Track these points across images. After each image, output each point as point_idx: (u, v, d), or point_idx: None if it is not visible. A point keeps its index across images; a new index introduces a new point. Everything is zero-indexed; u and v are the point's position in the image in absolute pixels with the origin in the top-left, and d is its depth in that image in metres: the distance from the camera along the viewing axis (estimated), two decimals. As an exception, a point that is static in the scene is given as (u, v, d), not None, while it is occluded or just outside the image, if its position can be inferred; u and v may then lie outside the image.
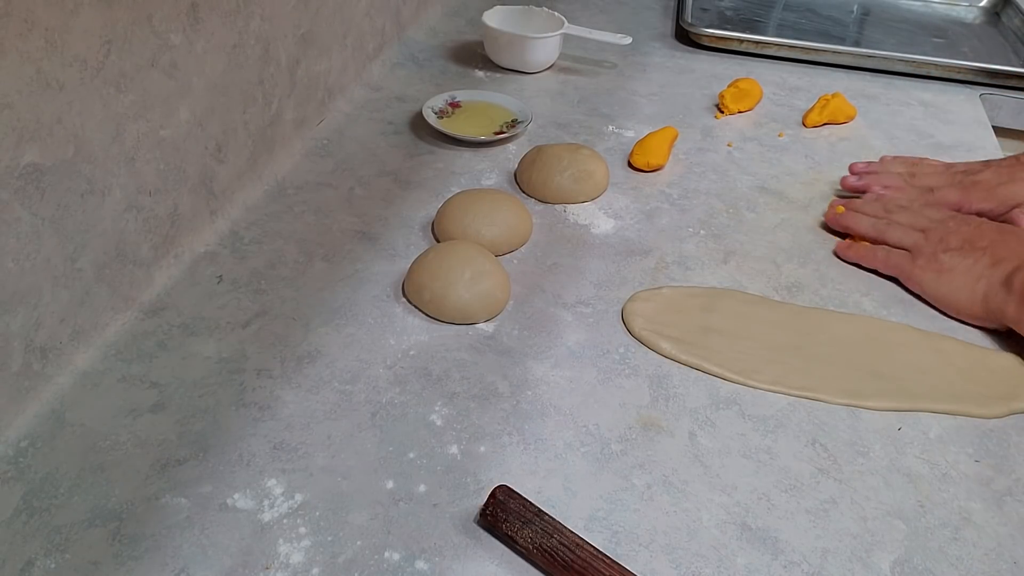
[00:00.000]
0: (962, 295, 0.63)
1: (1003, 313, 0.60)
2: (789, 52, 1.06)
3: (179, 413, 0.52)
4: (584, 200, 0.75)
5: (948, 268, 0.64)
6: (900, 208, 0.72)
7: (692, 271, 0.68)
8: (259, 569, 0.43)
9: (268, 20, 0.69)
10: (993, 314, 0.62)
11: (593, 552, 0.43)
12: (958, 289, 0.63)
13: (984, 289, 0.62)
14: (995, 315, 0.61)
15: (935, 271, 0.65)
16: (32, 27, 0.45)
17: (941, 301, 0.65)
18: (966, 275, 0.63)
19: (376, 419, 0.52)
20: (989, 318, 0.62)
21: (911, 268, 0.66)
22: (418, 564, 0.44)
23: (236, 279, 0.63)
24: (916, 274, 0.66)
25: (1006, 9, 1.24)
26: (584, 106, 0.92)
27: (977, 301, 0.62)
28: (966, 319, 0.64)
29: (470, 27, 1.09)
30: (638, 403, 0.55)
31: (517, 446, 0.51)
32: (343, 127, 0.84)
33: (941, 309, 0.65)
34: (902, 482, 0.51)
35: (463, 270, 0.59)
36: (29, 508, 0.45)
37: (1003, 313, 0.60)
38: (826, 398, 0.56)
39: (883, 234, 0.69)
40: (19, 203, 0.47)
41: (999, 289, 0.61)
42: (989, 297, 0.61)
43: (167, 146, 0.59)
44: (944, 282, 0.64)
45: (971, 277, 0.63)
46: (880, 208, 0.72)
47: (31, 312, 0.49)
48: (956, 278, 0.64)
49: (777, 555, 0.46)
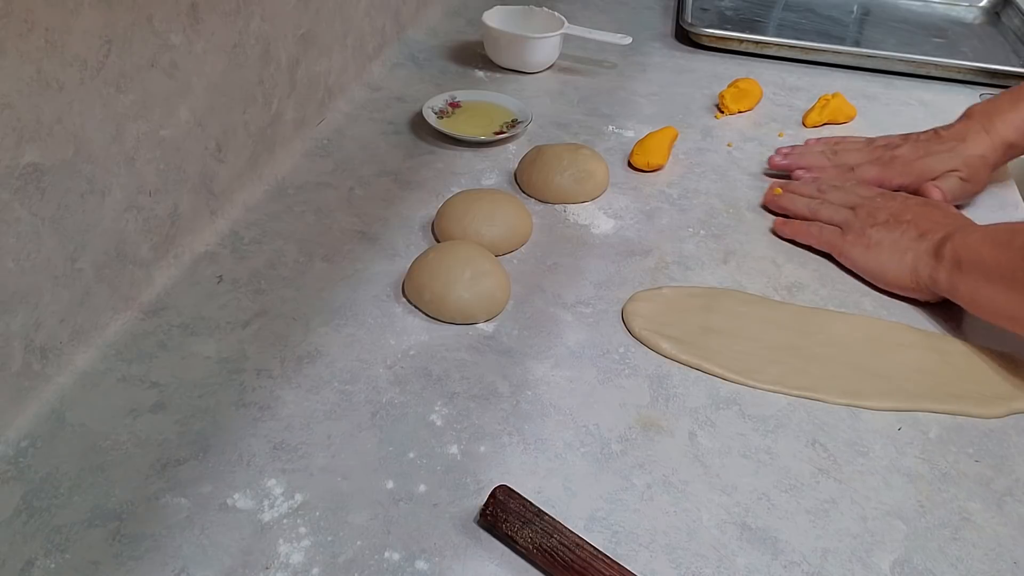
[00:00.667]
0: (890, 267, 0.65)
1: (934, 282, 0.62)
2: (789, 52, 1.06)
3: (179, 413, 0.52)
4: (584, 200, 0.75)
5: (876, 242, 0.66)
6: (832, 188, 0.74)
7: (692, 271, 0.68)
8: (259, 569, 0.43)
9: (268, 20, 0.69)
10: (923, 284, 0.63)
11: (593, 552, 0.43)
12: (886, 261, 0.65)
13: (911, 260, 0.64)
14: (925, 285, 0.63)
15: (864, 245, 0.67)
16: (32, 27, 0.45)
17: (871, 274, 0.66)
18: (893, 248, 0.65)
19: (376, 419, 0.52)
20: (920, 289, 0.64)
21: (841, 243, 0.68)
22: (418, 564, 0.44)
23: (236, 279, 0.63)
24: (846, 249, 0.68)
25: (1006, 9, 1.24)
26: (584, 106, 0.92)
27: (906, 272, 0.64)
28: (897, 290, 0.65)
29: (470, 27, 1.09)
30: (638, 403, 0.55)
31: (517, 446, 0.51)
32: (343, 127, 0.84)
33: (873, 283, 0.67)
34: (902, 482, 0.51)
35: (463, 270, 0.59)
36: (29, 508, 0.45)
37: (934, 282, 0.62)
38: (826, 398, 0.56)
39: (816, 212, 0.72)
40: (19, 203, 0.47)
41: (927, 259, 0.62)
42: (918, 268, 0.63)
43: (167, 146, 0.59)
44: (873, 255, 0.66)
45: (898, 249, 0.65)
46: (814, 188, 0.75)
47: (31, 312, 0.49)
48: (884, 251, 0.65)
49: (777, 555, 0.46)
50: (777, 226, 0.73)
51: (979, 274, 0.59)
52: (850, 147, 0.81)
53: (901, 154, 0.77)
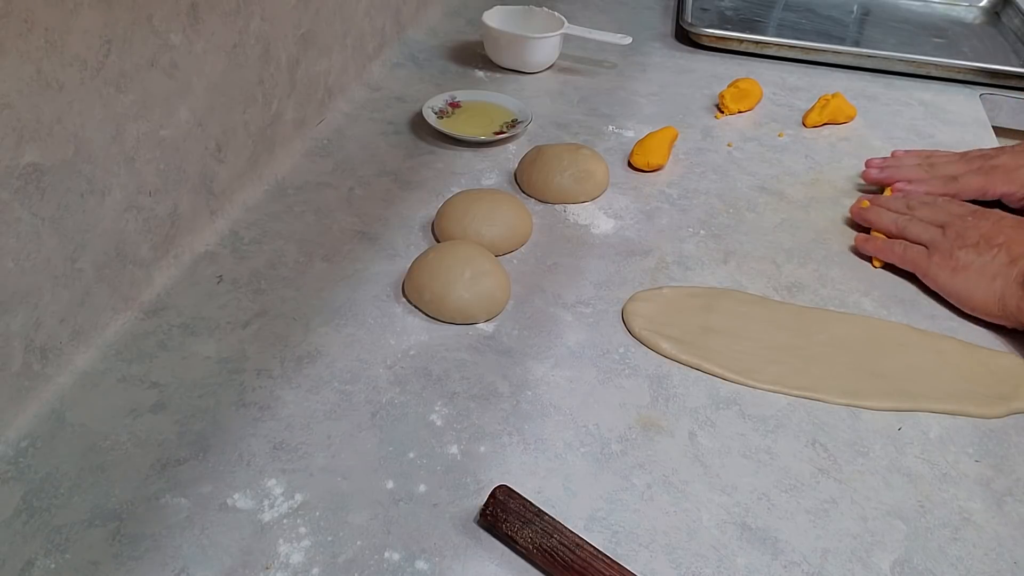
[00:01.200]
0: (977, 293, 0.62)
1: (1020, 311, 0.60)
2: (789, 52, 1.06)
3: (179, 413, 0.52)
4: (584, 200, 0.75)
5: (964, 265, 0.63)
6: (922, 204, 0.71)
7: (692, 271, 0.68)
8: (259, 569, 0.43)
9: (268, 20, 0.69)
10: (1010, 313, 0.61)
11: (593, 552, 0.43)
12: (974, 287, 0.62)
13: (1000, 287, 0.61)
14: (1012, 314, 0.61)
15: (951, 268, 0.64)
16: (32, 27, 0.45)
17: (957, 298, 0.64)
18: (981, 272, 0.62)
19: (376, 419, 0.52)
20: (1006, 317, 0.62)
21: (927, 264, 0.66)
22: (418, 564, 0.44)
23: (236, 279, 0.63)
24: (932, 271, 0.65)
25: (1006, 9, 1.24)
26: (584, 106, 0.92)
27: (993, 299, 0.61)
28: (983, 316, 0.63)
29: (470, 27, 1.09)
30: (638, 403, 0.55)
31: (517, 446, 0.51)
32: (343, 127, 0.84)
33: (958, 307, 0.64)
34: (902, 482, 0.51)
35: (463, 270, 0.59)
36: (29, 508, 0.45)
37: (1020, 311, 0.60)
38: (826, 398, 0.56)
39: (903, 229, 0.69)
40: (19, 203, 0.47)
41: (1016, 287, 0.60)
42: (1006, 296, 0.61)
43: (167, 146, 0.59)
44: (960, 279, 0.63)
45: (987, 275, 0.62)
46: (903, 204, 0.72)
47: (31, 312, 0.49)
48: (972, 276, 0.63)
49: (777, 555, 0.46)
50: (859, 243, 0.71)
51: None
52: (944, 159, 0.78)
53: (1002, 163, 0.74)
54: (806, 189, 0.80)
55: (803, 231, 0.74)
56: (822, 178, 0.82)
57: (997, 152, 0.76)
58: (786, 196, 0.79)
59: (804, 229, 0.74)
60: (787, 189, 0.80)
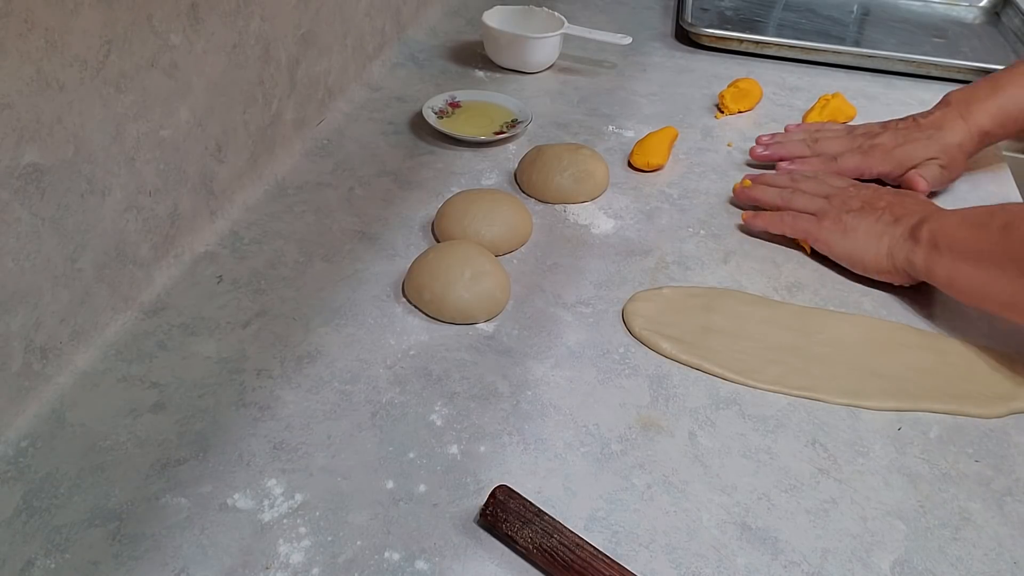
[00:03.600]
0: (868, 251, 0.66)
1: (911, 264, 0.63)
2: (789, 52, 1.06)
3: (179, 413, 0.52)
4: (584, 200, 0.75)
5: (852, 227, 0.67)
6: (805, 178, 0.74)
7: (692, 271, 0.68)
8: (259, 569, 0.43)
9: (268, 20, 0.69)
10: (900, 267, 0.64)
11: (593, 552, 0.43)
12: (864, 246, 0.66)
13: (888, 244, 0.64)
14: (902, 267, 0.64)
15: (840, 231, 0.67)
16: (32, 27, 0.45)
17: (848, 259, 0.67)
18: (869, 232, 0.66)
19: (376, 419, 0.52)
20: (896, 272, 0.65)
21: (817, 230, 0.69)
22: (418, 564, 0.44)
23: (236, 279, 0.63)
24: (823, 235, 0.68)
25: (1006, 9, 1.24)
26: (584, 106, 0.92)
27: (883, 255, 0.65)
28: (873, 275, 0.66)
29: (470, 27, 1.09)
30: (638, 403, 0.55)
31: (517, 446, 0.51)
32: (343, 127, 0.84)
33: (849, 267, 0.67)
34: (902, 482, 0.51)
35: (463, 270, 0.59)
36: (29, 508, 0.45)
37: (911, 264, 0.63)
38: (826, 398, 0.56)
39: (789, 202, 0.72)
40: (19, 203, 0.47)
41: (903, 242, 0.63)
42: (894, 251, 0.64)
43: (167, 146, 0.59)
44: (849, 240, 0.67)
45: (874, 234, 0.66)
46: (787, 179, 0.75)
47: (31, 312, 0.49)
48: (860, 236, 0.66)
49: (777, 555, 0.46)
50: (747, 219, 0.73)
51: (956, 255, 0.59)
52: (830, 135, 0.82)
53: (881, 142, 0.78)
54: (806, 189, 0.80)
55: (803, 231, 0.74)
56: (822, 178, 0.82)
57: (882, 129, 0.80)
58: (786, 196, 0.79)
59: (804, 229, 0.74)
60: (787, 189, 0.80)
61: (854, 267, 0.67)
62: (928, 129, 0.77)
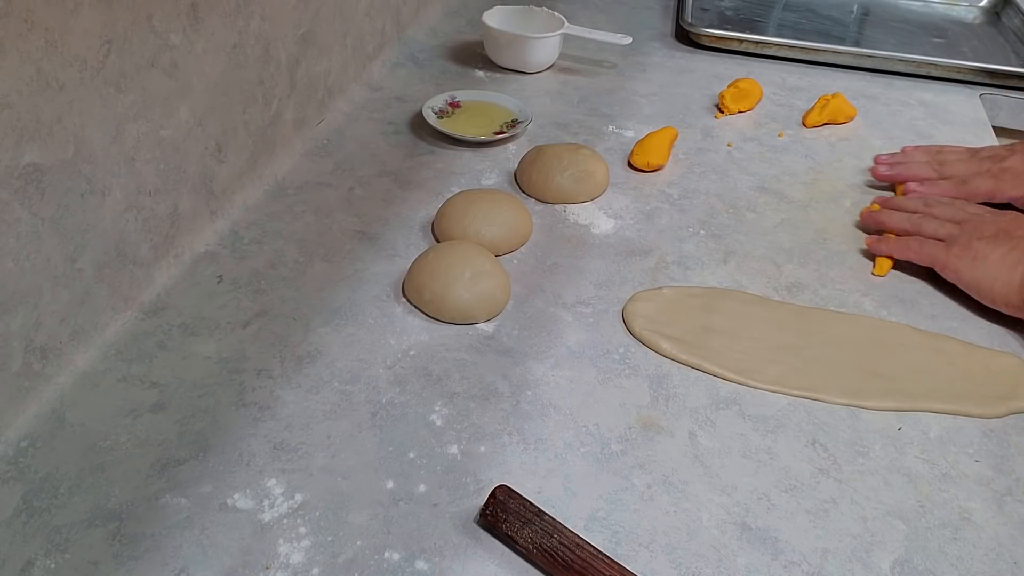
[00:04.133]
0: (999, 282, 0.62)
1: None
2: (789, 52, 1.06)
3: (179, 413, 0.52)
4: (584, 200, 0.75)
5: (983, 255, 0.63)
6: (939, 203, 0.71)
7: (692, 271, 0.68)
8: (259, 569, 0.43)
9: (268, 20, 0.69)
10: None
11: (593, 552, 0.43)
12: (994, 276, 0.62)
13: (1021, 275, 0.61)
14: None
15: (971, 258, 0.64)
16: (32, 27, 0.45)
17: (977, 289, 0.64)
18: (1002, 262, 0.62)
19: (376, 419, 0.52)
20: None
21: (946, 256, 0.65)
22: (418, 564, 0.44)
23: (236, 279, 0.63)
24: (951, 262, 0.65)
25: (1006, 9, 1.24)
26: (584, 106, 0.92)
27: (1014, 288, 0.61)
28: (1002, 308, 0.63)
29: (470, 27, 1.09)
30: (638, 403, 0.55)
31: (517, 446, 0.51)
32: (343, 127, 0.84)
33: (976, 298, 0.64)
34: (902, 482, 0.51)
35: (463, 270, 0.59)
36: (29, 508, 0.45)
37: None
38: (826, 398, 0.56)
39: (918, 227, 0.69)
40: (19, 203, 0.47)
41: None
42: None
43: (167, 146, 0.59)
44: (979, 268, 0.63)
45: (1007, 264, 0.62)
46: (920, 203, 0.72)
47: (31, 312, 0.49)
48: (991, 265, 0.63)
49: (777, 555, 0.46)
50: (871, 244, 0.70)
51: None
52: (954, 158, 0.78)
53: (1011, 165, 0.74)
54: (806, 189, 0.80)
55: (803, 231, 0.74)
56: (822, 178, 0.82)
57: (1008, 152, 0.76)
58: (786, 196, 0.79)
59: (804, 229, 0.74)
60: (787, 189, 0.80)
61: (982, 298, 0.64)
62: None
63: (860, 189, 0.81)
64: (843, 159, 0.86)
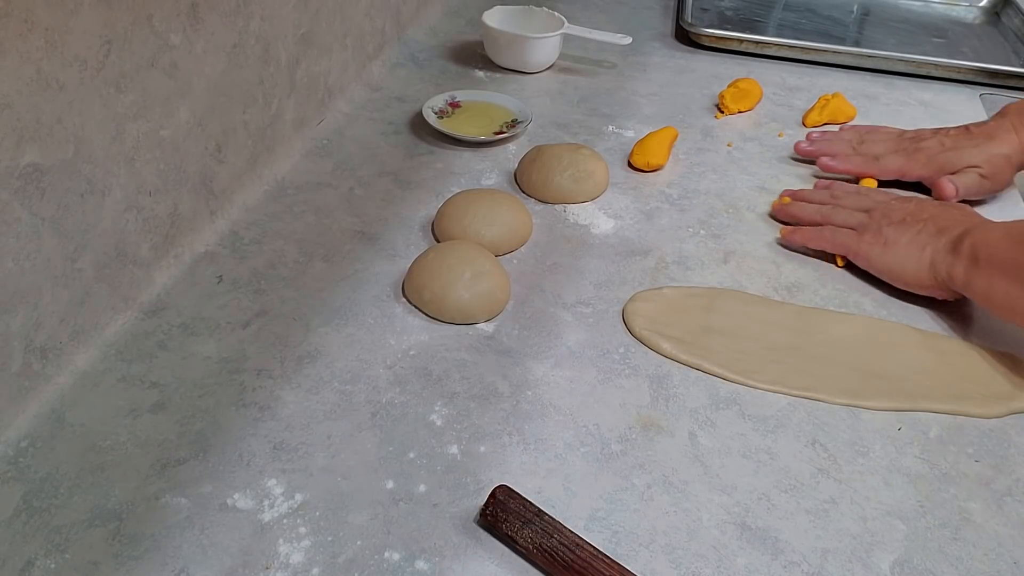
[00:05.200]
0: (909, 264, 0.64)
1: (951, 278, 0.61)
2: (789, 52, 1.06)
3: (179, 413, 0.52)
4: (584, 200, 0.75)
5: (893, 240, 0.65)
6: (846, 193, 0.73)
7: (692, 271, 0.68)
8: (259, 569, 0.43)
9: (268, 20, 0.69)
10: (941, 281, 0.62)
11: (593, 552, 0.43)
12: (904, 259, 0.64)
13: (930, 256, 0.63)
14: (943, 281, 0.62)
15: (881, 244, 0.66)
16: (32, 27, 0.45)
17: (889, 273, 0.66)
18: (911, 245, 0.64)
19: (376, 419, 0.52)
20: (938, 286, 0.63)
21: (857, 244, 0.67)
22: (418, 564, 0.44)
23: (236, 279, 0.63)
24: (863, 249, 0.67)
25: (1006, 9, 1.24)
26: (584, 106, 0.92)
27: (924, 269, 0.63)
28: (915, 289, 0.65)
29: (470, 27, 1.09)
30: (638, 403, 0.55)
31: (517, 446, 0.51)
32: (343, 127, 0.84)
33: (891, 283, 0.66)
34: (902, 482, 0.51)
35: (463, 270, 0.59)
36: (29, 508, 0.45)
37: (951, 278, 0.61)
38: (826, 398, 0.56)
39: (828, 216, 0.71)
40: (19, 203, 0.47)
41: (945, 255, 0.62)
42: (936, 264, 0.62)
43: (167, 146, 0.59)
44: (890, 253, 0.65)
45: (916, 246, 0.64)
46: (827, 195, 0.74)
47: (31, 312, 0.49)
48: (901, 249, 0.64)
49: (777, 555, 0.46)
50: (785, 235, 0.71)
51: (996, 269, 0.58)
52: (878, 137, 0.82)
53: (927, 147, 0.77)
54: (806, 189, 0.80)
55: (803, 231, 0.74)
56: (822, 178, 0.82)
57: (931, 134, 0.79)
58: (786, 196, 0.79)
59: (804, 229, 0.74)
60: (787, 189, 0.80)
61: (895, 281, 0.65)
62: (978, 138, 0.76)
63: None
64: (843, 159, 0.85)
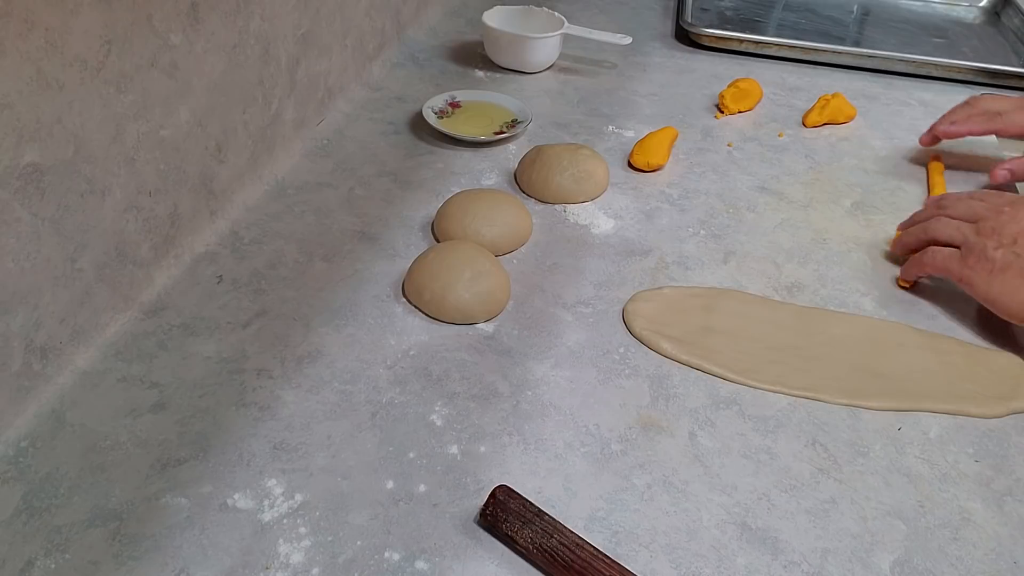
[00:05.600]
0: (1019, 295, 0.55)
1: None
2: (789, 52, 1.06)
3: (179, 413, 0.52)
4: (584, 200, 0.75)
5: (1002, 266, 0.56)
6: (955, 201, 0.64)
7: (692, 271, 0.68)
8: (259, 569, 0.43)
9: (268, 20, 0.69)
10: None
11: (593, 552, 0.43)
12: (1014, 290, 0.55)
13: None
14: None
15: (987, 270, 0.57)
16: (32, 27, 0.45)
17: (995, 304, 0.58)
18: (1020, 276, 0.55)
19: (376, 419, 0.52)
20: None
21: (960, 268, 0.59)
22: (418, 564, 0.44)
23: (236, 279, 0.63)
24: (966, 274, 0.58)
25: (1006, 9, 1.24)
26: (584, 106, 0.92)
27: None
28: (1020, 323, 0.57)
29: (470, 27, 1.09)
30: (638, 403, 0.55)
31: (517, 446, 0.51)
32: (343, 127, 0.84)
33: (997, 313, 0.59)
34: (902, 482, 0.51)
35: (463, 270, 0.59)
36: (29, 508, 0.45)
37: None
38: (826, 398, 0.56)
39: (933, 234, 0.62)
40: (19, 203, 0.47)
41: None
42: None
43: (167, 146, 0.59)
44: (998, 282, 0.56)
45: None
46: (932, 208, 0.66)
47: (31, 312, 0.49)
48: (1010, 278, 0.56)
49: (777, 555, 0.46)
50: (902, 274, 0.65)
51: None
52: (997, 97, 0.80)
53: None
54: (806, 189, 0.80)
55: (803, 231, 0.74)
56: (822, 178, 0.82)
57: None
58: (786, 196, 0.79)
59: (804, 229, 0.74)
60: (787, 189, 0.80)
61: (1002, 314, 0.57)
62: None
63: (860, 189, 0.81)
64: (843, 159, 0.86)
